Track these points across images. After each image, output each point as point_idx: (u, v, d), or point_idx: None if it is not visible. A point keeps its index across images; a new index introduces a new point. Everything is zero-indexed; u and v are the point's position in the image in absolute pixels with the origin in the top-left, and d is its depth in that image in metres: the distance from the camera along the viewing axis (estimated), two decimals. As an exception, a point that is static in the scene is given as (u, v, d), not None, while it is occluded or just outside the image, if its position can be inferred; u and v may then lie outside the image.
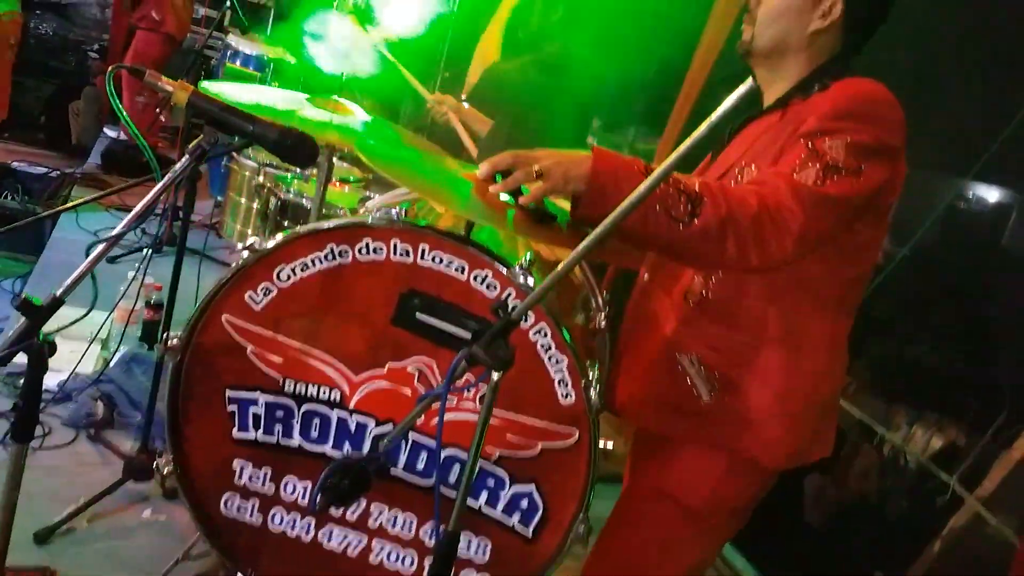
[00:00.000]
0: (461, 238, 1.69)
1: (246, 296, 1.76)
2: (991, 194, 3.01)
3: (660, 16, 3.55)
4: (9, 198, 4.77)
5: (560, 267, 1.22)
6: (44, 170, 5.30)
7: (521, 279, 1.64)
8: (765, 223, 1.38)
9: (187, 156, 1.55)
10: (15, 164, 5.15)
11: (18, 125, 6.33)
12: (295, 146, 1.62)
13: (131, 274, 3.13)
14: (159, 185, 1.51)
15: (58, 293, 1.50)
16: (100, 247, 1.50)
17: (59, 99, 6.98)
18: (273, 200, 3.15)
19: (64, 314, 1.57)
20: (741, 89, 1.13)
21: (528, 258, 1.71)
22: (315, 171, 2.87)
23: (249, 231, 3.41)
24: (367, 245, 1.71)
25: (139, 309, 3.31)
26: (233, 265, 1.76)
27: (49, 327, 1.48)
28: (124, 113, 1.71)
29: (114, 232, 1.52)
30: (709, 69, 3.70)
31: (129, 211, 1.48)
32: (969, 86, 2.89)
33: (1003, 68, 2.79)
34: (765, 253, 1.40)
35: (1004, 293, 2.87)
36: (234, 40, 5.22)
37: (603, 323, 2.02)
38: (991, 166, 2.79)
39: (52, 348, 1.50)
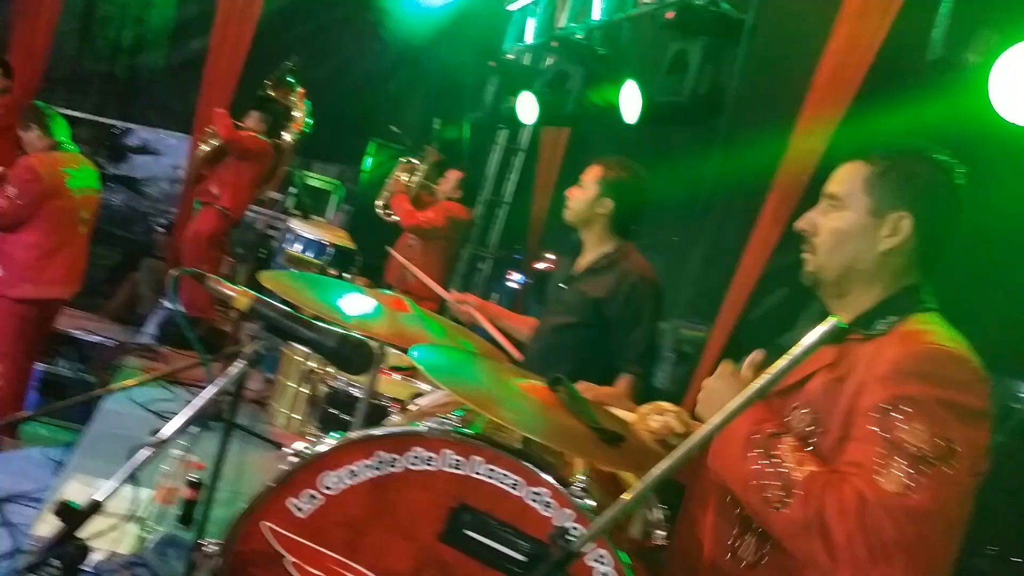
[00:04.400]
0: (517, 451, 1.62)
1: (288, 503, 1.69)
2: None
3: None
4: (64, 366, 4.84)
5: (629, 499, 1.14)
6: (101, 338, 5.41)
7: (580, 500, 1.55)
8: (858, 544, 1.28)
9: (241, 361, 1.53)
10: (74, 332, 5.27)
11: (82, 292, 6.54)
12: (351, 355, 1.59)
13: (175, 451, 3.08)
14: (209, 390, 1.49)
15: (98, 497, 1.46)
16: (146, 452, 1.47)
17: (123, 269, 7.24)
18: (322, 387, 3.13)
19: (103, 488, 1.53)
20: (823, 327, 1.08)
21: (585, 476, 1.62)
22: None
23: (297, 416, 3.37)
24: (418, 455, 1.65)
25: (179, 488, 3.24)
26: (277, 471, 1.70)
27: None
28: (181, 309, 1.71)
29: (162, 438, 1.49)
30: (763, 263, 3.72)
31: (180, 383, 1.45)
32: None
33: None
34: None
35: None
36: (295, 224, 5.40)
37: (661, 540, 1.90)
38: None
39: (85, 552, 1.47)
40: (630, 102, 4.24)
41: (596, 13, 5.19)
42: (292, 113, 6.23)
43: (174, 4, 8.15)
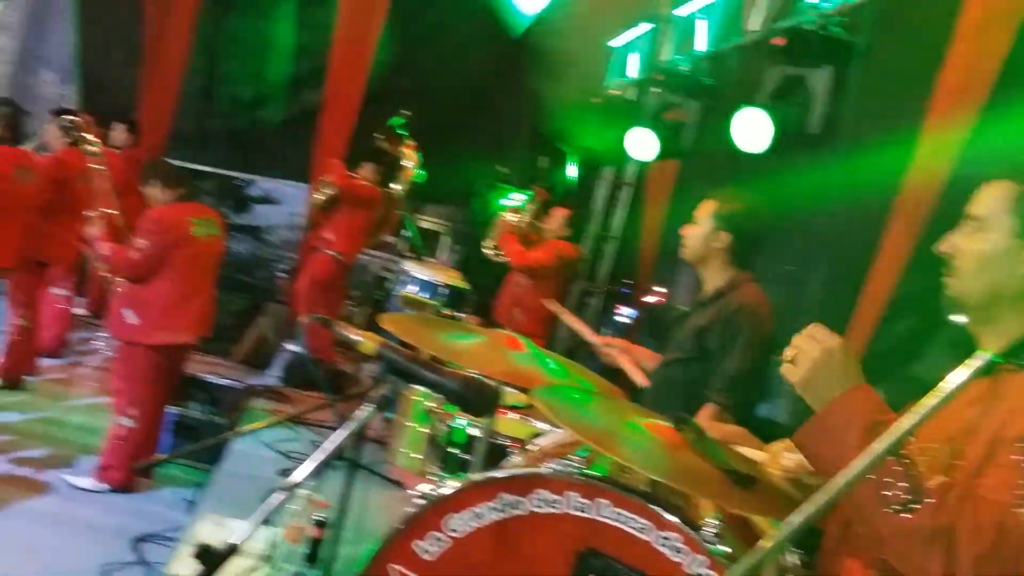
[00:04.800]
0: (645, 494, 1.59)
1: (415, 545, 1.70)
2: None
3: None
4: (195, 409, 5.04)
5: (769, 546, 1.09)
6: (229, 381, 5.62)
7: (713, 545, 1.50)
8: (987, 569, 1.20)
9: (369, 405, 1.55)
10: (204, 375, 5.49)
11: (211, 337, 6.84)
12: (473, 398, 1.60)
13: (302, 491, 3.16)
14: (340, 435, 1.52)
15: (234, 540, 1.50)
16: (279, 496, 1.50)
17: (249, 314, 7.53)
18: (442, 427, 3.16)
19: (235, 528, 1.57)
20: (975, 362, 1.02)
21: (717, 520, 1.57)
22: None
23: (417, 456, 3.41)
24: (542, 497, 1.63)
25: (306, 526, 3.31)
26: (403, 513, 1.72)
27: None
28: (306, 352, 1.76)
29: (293, 482, 1.52)
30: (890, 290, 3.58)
31: (304, 424, 1.48)
32: None
33: None
34: None
35: None
36: (409, 266, 5.51)
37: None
38: None
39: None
40: (753, 132, 4.09)
41: (701, 44, 5.14)
42: (403, 163, 6.41)
43: (290, 60, 8.54)
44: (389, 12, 7.52)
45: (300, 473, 1.53)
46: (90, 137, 5.11)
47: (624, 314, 7.27)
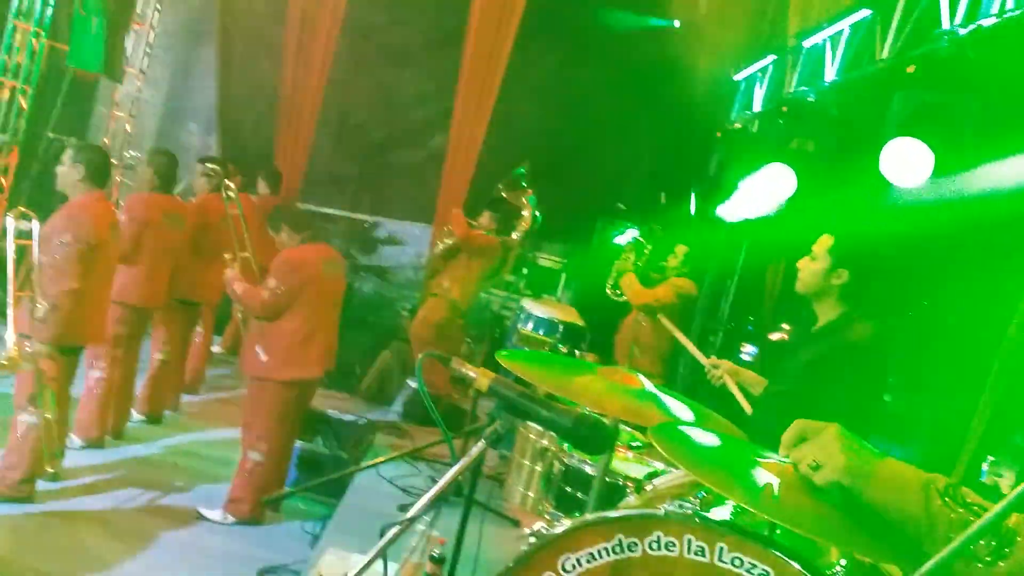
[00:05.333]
0: (765, 539, 1.51)
1: (528, 584, 1.67)
2: None
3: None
4: (320, 443, 5.19)
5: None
6: (353, 417, 5.76)
7: (839, 596, 1.42)
8: None
9: (482, 441, 1.55)
10: (329, 411, 5.66)
11: (336, 374, 7.06)
12: (589, 435, 1.57)
13: (420, 527, 3.19)
14: (452, 471, 1.52)
15: (352, 574, 1.52)
16: (394, 529, 1.51)
17: (372, 351, 7.74)
18: (557, 465, 3.13)
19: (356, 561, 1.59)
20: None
21: (844, 565, 1.48)
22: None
23: (531, 494, 3.39)
24: (658, 539, 1.58)
25: (423, 563, 3.33)
26: (517, 552, 1.69)
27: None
28: (427, 395, 1.78)
29: (408, 516, 1.53)
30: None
31: (424, 459, 1.49)
32: None
33: None
34: None
35: None
36: (528, 303, 5.54)
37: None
38: None
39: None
40: (906, 164, 3.84)
41: (829, 74, 5.00)
42: (522, 213, 6.49)
43: (417, 105, 8.83)
44: (511, 59, 7.68)
45: (416, 508, 1.54)
46: (230, 184, 5.41)
47: (748, 352, 7.08)
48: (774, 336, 6.54)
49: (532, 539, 1.67)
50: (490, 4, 7.65)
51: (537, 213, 6.43)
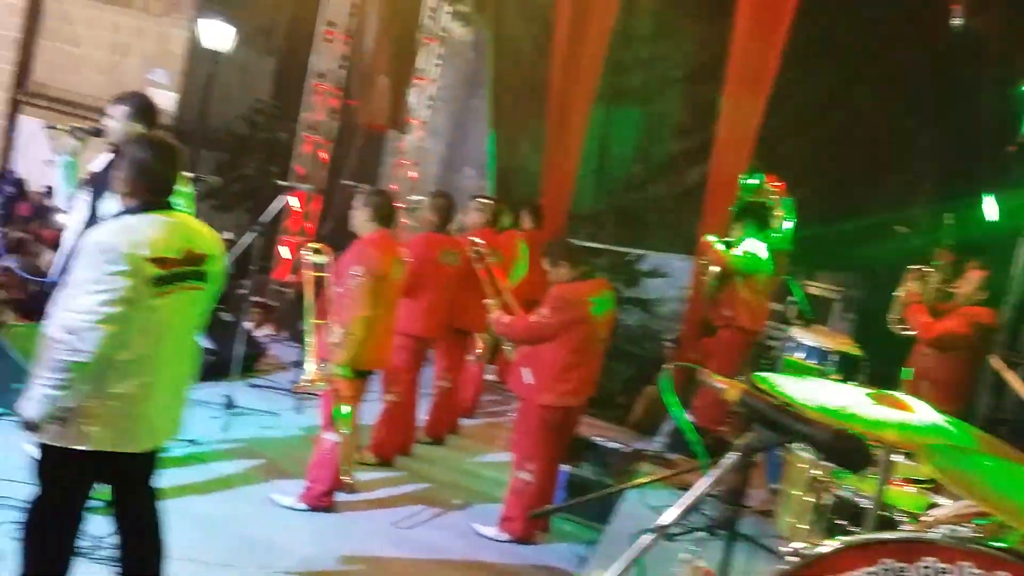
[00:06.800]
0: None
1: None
2: None
3: None
4: (586, 469, 5.31)
5: None
6: (618, 445, 5.84)
7: None
8: None
9: (736, 453, 1.56)
10: (595, 438, 5.77)
11: (601, 403, 7.18)
12: (848, 451, 1.53)
13: (683, 555, 3.18)
14: (705, 481, 1.54)
15: (608, 576, 1.58)
16: (648, 537, 1.56)
17: (636, 382, 7.80)
18: (828, 496, 3.00)
19: None
20: None
21: None
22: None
23: (802, 526, 3.26)
24: (929, 565, 1.49)
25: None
26: (776, 570, 1.67)
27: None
28: (680, 412, 1.81)
29: (662, 523, 1.57)
30: None
31: (688, 490, 1.53)
32: None
33: None
34: None
35: None
36: (796, 332, 5.33)
37: None
38: None
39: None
40: None
41: None
42: (773, 214, 6.24)
43: (675, 138, 8.87)
44: (772, 89, 7.50)
45: (668, 516, 1.58)
46: (479, 242, 5.74)
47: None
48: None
49: (791, 558, 1.64)
50: (752, 34, 7.54)
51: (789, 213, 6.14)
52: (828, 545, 1.63)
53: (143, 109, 3.88)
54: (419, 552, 4.46)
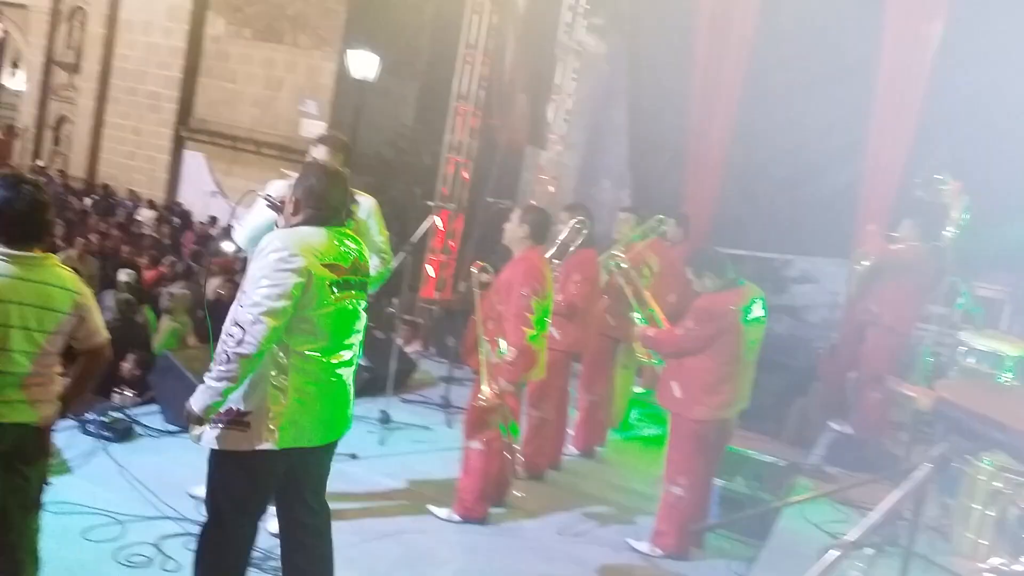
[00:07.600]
0: None
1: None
2: None
3: None
4: (740, 484, 5.16)
5: None
6: (773, 458, 5.65)
7: None
8: None
9: (929, 465, 1.48)
10: (749, 451, 5.61)
11: (753, 415, 6.95)
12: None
13: (852, 573, 3.05)
14: (894, 495, 1.47)
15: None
16: (835, 553, 1.50)
17: (787, 393, 7.49)
18: (1012, 509, 2.80)
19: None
20: None
21: None
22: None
23: (984, 542, 3.06)
24: None
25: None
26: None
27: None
28: (848, 430, 1.74)
29: (849, 539, 1.51)
30: None
31: (851, 505, 1.46)
32: None
33: None
34: None
35: None
36: (967, 337, 5.01)
37: None
38: None
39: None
40: None
41: None
42: (949, 212, 5.80)
43: (823, 138, 8.53)
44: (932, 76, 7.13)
45: (857, 531, 1.51)
46: (620, 255, 5.69)
47: None
48: None
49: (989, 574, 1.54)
50: (904, 27, 7.22)
51: (966, 213, 5.71)
52: (1029, 563, 1.52)
53: (340, 147, 4.23)
54: (572, 566, 4.44)
